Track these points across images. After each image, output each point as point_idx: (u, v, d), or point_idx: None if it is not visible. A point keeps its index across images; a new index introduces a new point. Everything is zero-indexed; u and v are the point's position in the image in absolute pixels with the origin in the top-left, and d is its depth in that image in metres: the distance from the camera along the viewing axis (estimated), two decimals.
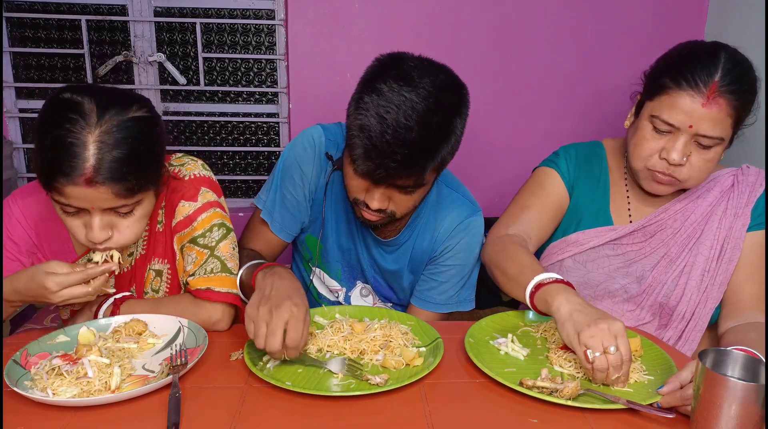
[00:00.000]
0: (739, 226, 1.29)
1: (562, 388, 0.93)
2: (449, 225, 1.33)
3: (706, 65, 1.17)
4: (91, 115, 0.98)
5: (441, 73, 1.13)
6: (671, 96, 1.19)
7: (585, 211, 1.39)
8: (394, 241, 1.34)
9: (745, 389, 0.78)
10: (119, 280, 1.23)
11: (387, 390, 0.94)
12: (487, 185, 2.33)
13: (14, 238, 1.18)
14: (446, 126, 1.11)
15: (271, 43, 2.39)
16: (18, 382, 0.91)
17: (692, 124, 1.18)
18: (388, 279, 1.41)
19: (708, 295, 1.29)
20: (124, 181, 0.99)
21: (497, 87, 2.30)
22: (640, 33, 2.28)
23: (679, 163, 1.21)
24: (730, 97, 1.16)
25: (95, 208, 1.02)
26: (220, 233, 1.19)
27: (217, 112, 2.42)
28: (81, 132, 0.96)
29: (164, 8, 2.29)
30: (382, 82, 1.08)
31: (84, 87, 1.03)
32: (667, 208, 1.33)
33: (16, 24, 2.29)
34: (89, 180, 0.97)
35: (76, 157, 0.96)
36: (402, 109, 1.05)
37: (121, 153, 0.98)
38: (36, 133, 1.00)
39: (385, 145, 1.06)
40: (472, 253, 1.35)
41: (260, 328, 0.96)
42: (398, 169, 1.08)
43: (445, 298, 1.36)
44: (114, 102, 1.01)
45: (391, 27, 2.20)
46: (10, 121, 2.35)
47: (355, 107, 1.11)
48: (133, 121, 1.01)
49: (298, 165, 1.31)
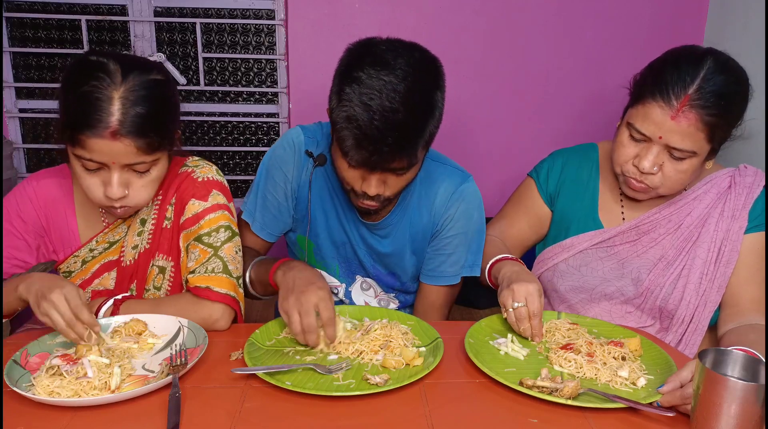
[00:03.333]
0: (736, 229, 1.28)
1: (562, 387, 0.93)
2: (443, 196, 1.34)
3: (683, 77, 1.16)
4: (116, 74, 1.04)
5: (414, 50, 1.14)
6: (645, 106, 1.20)
7: (573, 217, 1.40)
8: (385, 222, 1.35)
9: (745, 389, 0.78)
10: (121, 275, 1.24)
11: (387, 390, 0.94)
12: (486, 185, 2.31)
13: (23, 216, 1.21)
14: (429, 101, 1.12)
15: (271, 43, 2.40)
16: (18, 382, 0.91)
17: (662, 136, 1.18)
18: (389, 264, 1.41)
19: (707, 298, 1.29)
20: (145, 136, 1.05)
21: (496, 86, 2.30)
22: (640, 33, 2.28)
23: (650, 172, 1.22)
24: (702, 111, 1.15)
25: (116, 163, 1.06)
26: (226, 235, 1.21)
27: (217, 112, 2.42)
28: (107, 88, 1.03)
29: (164, 8, 2.29)
30: (359, 70, 1.09)
31: (106, 51, 1.11)
32: (661, 209, 1.33)
33: (16, 24, 2.29)
34: (114, 133, 1.03)
35: (103, 110, 1.02)
36: (384, 93, 1.06)
37: (144, 109, 1.05)
38: (62, 90, 1.07)
39: (375, 131, 1.07)
40: (471, 218, 1.36)
41: (293, 316, 1.05)
42: (392, 152, 1.09)
43: (457, 268, 1.38)
44: (135, 64, 1.08)
45: (391, 27, 2.20)
46: (10, 121, 2.35)
47: (337, 101, 1.12)
48: (153, 82, 1.08)
49: (279, 166, 1.34)
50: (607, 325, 1.22)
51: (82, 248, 1.23)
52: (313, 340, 1.06)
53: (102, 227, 1.24)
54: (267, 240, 1.40)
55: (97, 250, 1.23)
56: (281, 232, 1.42)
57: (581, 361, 1.03)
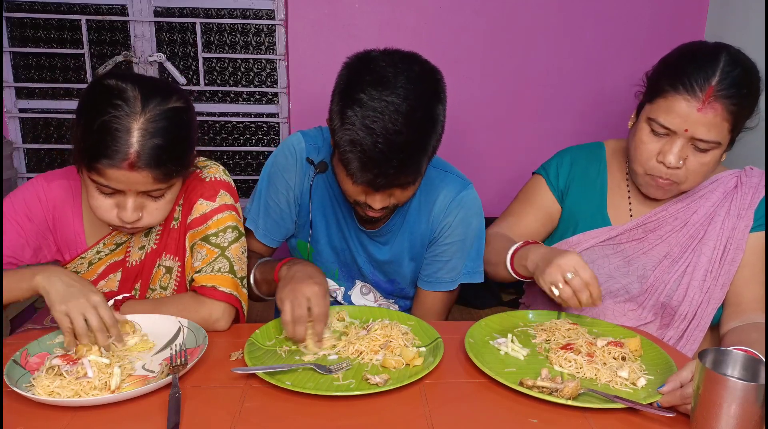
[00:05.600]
0: (742, 227, 1.29)
1: (562, 387, 0.93)
2: (442, 203, 1.33)
3: (704, 68, 1.17)
4: (136, 103, 1.03)
5: (413, 64, 1.13)
6: (668, 100, 1.19)
7: (581, 214, 1.40)
8: (385, 229, 1.35)
9: (745, 389, 0.78)
10: (125, 275, 1.24)
11: (387, 390, 0.94)
12: (488, 185, 2.33)
13: (31, 215, 1.20)
14: (431, 116, 1.12)
15: (271, 43, 2.40)
16: (18, 382, 0.91)
17: (688, 128, 1.18)
18: (387, 271, 1.41)
19: (710, 296, 1.29)
20: (163, 166, 1.05)
21: (497, 87, 2.30)
22: (641, 33, 2.29)
23: (676, 166, 1.22)
24: (727, 101, 1.16)
25: (131, 190, 1.07)
26: (233, 235, 1.21)
27: (217, 112, 2.42)
28: (126, 118, 1.02)
29: (164, 8, 2.29)
30: (360, 91, 1.08)
31: (126, 74, 1.09)
32: (668, 207, 1.34)
33: (16, 24, 2.29)
34: (132, 164, 1.02)
35: (121, 142, 1.01)
36: (387, 115, 1.06)
37: (162, 141, 1.04)
38: (80, 116, 1.06)
39: (380, 154, 1.06)
40: (470, 226, 1.35)
41: (285, 305, 1.06)
42: (397, 173, 1.09)
43: (454, 275, 1.37)
44: (156, 91, 1.06)
45: (391, 27, 2.20)
46: (10, 121, 2.35)
47: (340, 122, 1.10)
48: (173, 111, 1.07)
49: (281, 174, 1.34)
50: (607, 325, 1.22)
51: (89, 250, 1.23)
52: (301, 333, 1.06)
53: (109, 230, 1.23)
54: (270, 246, 1.41)
55: (103, 252, 1.23)
56: (284, 237, 1.42)
57: (581, 362, 1.03)
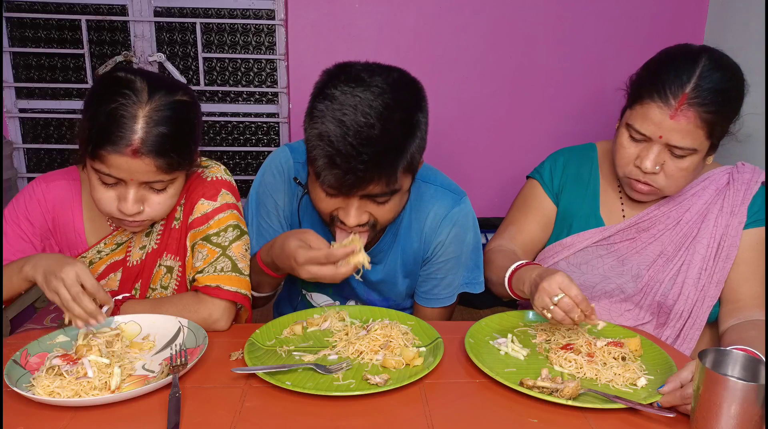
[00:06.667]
0: (735, 224, 1.29)
1: (562, 388, 0.93)
2: (433, 220, 1.29)
3: (680, 76, 1.17)
4: (143, 93, 1.05)
5: (393, 71, 1.10)
6: (644, 106, 1.21)
7: (575, 215, 1.41)
8: (377, 249, 1.31)
9: (745, 389, 0.78)
10: (126, 275, 1.24)
11: (387, 390, 0.94)
12: (487, 185, 2.33)
13: (31, 218, 1.21)
14: (408, 120, 1.06)
15: (271, 43, 2.39)
16: (18, 382, 0.91)
17: (662, 135, 1.19)
18: (382, 290, 1.38)
19: (705, 294, 1.30)
20: (166, 156, 1.06)
21: (496, 87, 2.30)
22: (640, 33, 2.28)
23: (652, 171, 1.23)
24: (701, 109, 1.16)
25: (133, 179, 1.07)
26: (235, 234, 1.21)
27: (217, 112, 2.42)
28: (132, 106, 1.04)
29: (164, 8, 2.29)
30: (333, 87, 1.05)
31: (134, 69, 1.12)
32: (660, 206, 1.34)
33: (16, 24, 2.29)
34: (135, 151, 1.03)
35: (126, 128, 1.03)
36: (359, 109, 1.01)
37: (167, 129, 1.06)
38: (87, 104, 1.08)
39: (349, 147, 1.00)
40: (464, 242, 1.32)
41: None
42: (367, 171, 1.02)
43: (451, 290, 1.35)
44: (162, 84, 1.09)
45: (391, 27, 2.20)
46: (10, 121, 2.35)
47: (309, 119, 1.07)
48: (178, 103, 1.09)
49: (270, 194, 1.31)
50: (607, 325, 1.22)
51: (90, 250, 1.23)
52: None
53: (110, 230, 1.24)
54: None
55: (104, 251, 1.24)
56: None
57: (581, 362, 1.03)
